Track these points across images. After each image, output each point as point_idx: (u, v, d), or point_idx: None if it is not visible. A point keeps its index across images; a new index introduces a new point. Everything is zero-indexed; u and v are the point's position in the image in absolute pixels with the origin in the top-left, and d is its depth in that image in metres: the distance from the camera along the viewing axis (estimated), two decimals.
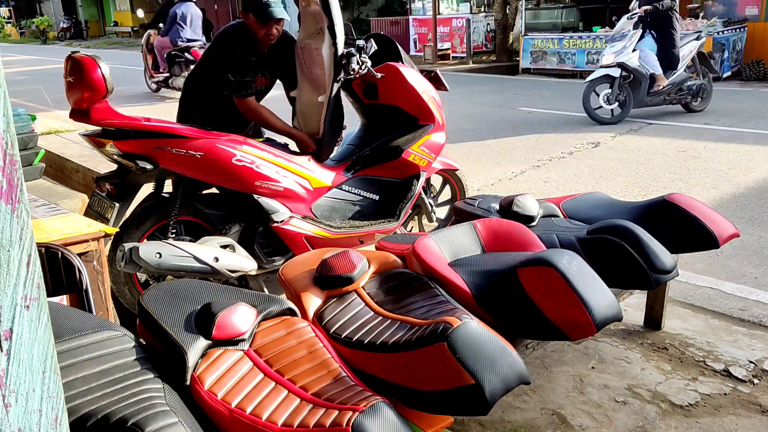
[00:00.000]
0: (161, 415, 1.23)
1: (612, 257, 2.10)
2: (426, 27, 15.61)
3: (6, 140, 0.71)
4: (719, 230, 2.28)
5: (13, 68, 15.58)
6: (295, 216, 2.81)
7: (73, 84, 2.43)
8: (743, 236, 3.34)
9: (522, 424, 2.09)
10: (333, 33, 2.84)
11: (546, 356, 2.46)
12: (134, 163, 2.54)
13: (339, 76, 2.91)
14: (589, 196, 2.69)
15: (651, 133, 6.52)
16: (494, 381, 1.41)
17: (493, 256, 2.04)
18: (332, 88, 2.92)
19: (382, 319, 1.75)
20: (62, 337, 1.39)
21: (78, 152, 5.05)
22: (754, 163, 5.23)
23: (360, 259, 1.97)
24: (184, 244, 2.15)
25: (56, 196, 3.35)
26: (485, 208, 2.55)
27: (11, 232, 0.72)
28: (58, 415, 0.82)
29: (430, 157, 3.20)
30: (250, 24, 2.87)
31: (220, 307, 1.57)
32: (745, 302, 2.94)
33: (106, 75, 2.43)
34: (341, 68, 2.90)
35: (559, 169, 5.38)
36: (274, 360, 1.54)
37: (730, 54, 10.31)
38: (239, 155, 2.65)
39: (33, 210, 2.19)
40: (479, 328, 1.51)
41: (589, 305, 1.66)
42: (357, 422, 1.27)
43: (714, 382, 2.28)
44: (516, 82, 11.37)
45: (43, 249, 1.73)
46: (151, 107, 8.84)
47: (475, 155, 5.94)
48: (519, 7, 13.17)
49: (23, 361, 0.75)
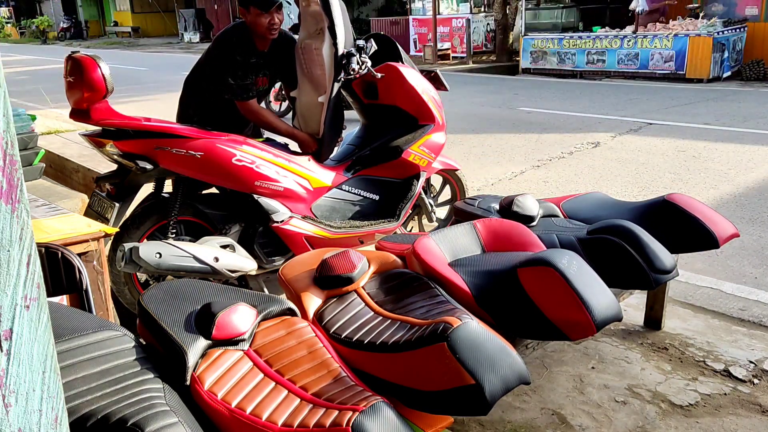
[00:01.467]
0: (161, 415, 1.23)
1: (612, 257, 2.10)
2: (426, 27, 15.62)
3: (6, 140, 0.71)
4: (719, 230, 2.28)
5: (13, 68, 15.58)
6: (295, 216, 2.81)
7: (73, 84, 2.43)
8: (743, 236, 3.34)
9: (522, 424, 2.09)
10: (333, 33, 2.84)
11: (546, 356, 2.46)
12: (134, 163, 2.54)
13: (339, 76, 2.91)
14: (589, 196, 2.69)
15: (651, 133, 6.52)
16: (494, 381, 1.41)
17: (493, 256, 2.04)
18: (333, 89, 2.92)
19: (382, 319, 1.75)
20: (62, 337, 1.39)
21: (78, 152, 5.06)
22: (754, 163, 5.23)
23: (360, 259, 1.97)
24: (184, 244, 2.15)
25: (56, 196, 3.35)
26: (485, 208, 2.55)
27: (11, 232, 0.72)
28: (58, 415, 0.82)
29: (430, 157, 3.20)
30: (251, 19, 2.86)
31: (220, 307, 1.57)
32: (745, 302, 2.94)
33: (106, 75, 2.43)
34: (341, 68, 2.90)
35: (559, 169, 5.38)
36: (274, 360, 1.54)
37: (730, 54, 10.32)
38: (239, 155, 2.65)
39: (33, 210, 2.19)
40: (479, 328, 1.51)
41: (589, 305, 1.66)
42: (357, 422, 1.27)
43: (714, 382, 2.28)
44: (516, 82, 11.37)
45: (43, 249, 1.73)
46: (151, 107, 8.83)
47: (475, 155, 5.94)
48: (519, 7, 13.17)
49: (23, 361, 0.75)
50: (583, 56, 11.38)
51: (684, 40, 10.14)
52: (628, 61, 10.81)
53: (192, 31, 24.49)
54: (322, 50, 2.88)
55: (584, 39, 11.38)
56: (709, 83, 9.96)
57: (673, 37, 10.25)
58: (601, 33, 11.26)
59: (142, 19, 29.12)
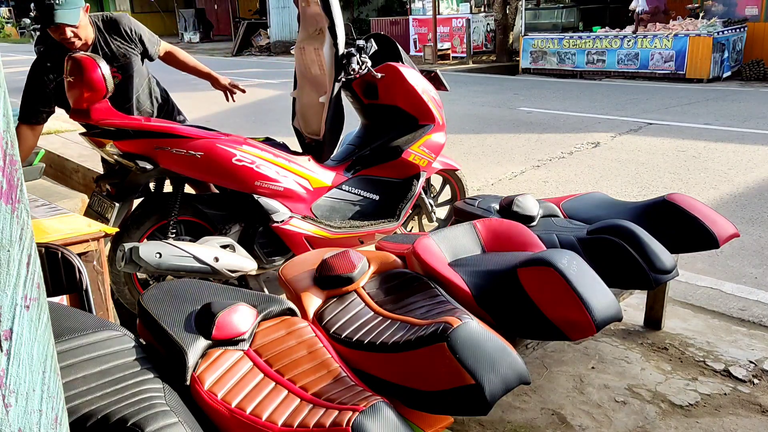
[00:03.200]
0: (161, 415, 1.22)
1: (612, 257, 2.10)
2: (426, 27, 15.62)
3: (6, 140, 0.71)
4: (719, 230, 2.28)
5: (13, 68, 15.57)
6: (295, 216, 2.81)
7: (73, 84, 2.43)
8: (743, 236, 3.34)
9: (522, 424, 2.09)
10: (334, 33, 2.84)
11: (546, 356, 2.46)
12: (134, 163, 2.53)
13: (339, 76, 2.91)
14: (589, 196, 2.69)
15: (651, 133, 6.52)
16: (494, 381, 1.41)
17: (493, 256, 2.03)
18: (333, 88, 2.92)
19: (382, 319, 1.74)
20: (62, 337, 1.39)
21: (78, 152, 5.06)
22: (754, 163, 5.23)
23: (360, 259, 1.96)
24: (184, 244, 2.15)
25: (56, 196, 3.35)
26: (485, 208, 2.55)
27: (11, 232, 0.72)
28: (58, 415, 0.82)
29: (430, 157, 3.20)
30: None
31: (220, 307, 1.57)
32: (745, 302, 2.94)
33: (106, 75, 2.43)
34: (341, 68, 2.90)
35: (559, 169, 5.38)
36: (274, 360, 1.54)
37: (730, 54, 10.32)
38: (239, 155, 2.65)
39: (33, 210, 2.19)
40: (479, 328, 1.51)
41: (589, 305, 1.66)
42: (357, 422, 1.27)
43: (714, 382, 2.28)
44: (516, 82, 11.37)
45: (43, 249, 1.73)
46: None
47: (475, 155, 5.94)
48: (519, 7, 13.17)
49: (23, 361, 0.75)
50: (583, 56, 11.38)
51: (684, 40, 10.14)
52: (628, 61, 10.81)
53: (192, 31, 24.51)
54: (322, 50, 2.88)
55: (584, 39, 11.38)
56: (709, 83, 9.96)
57: (673, 37, 10.25)
58: (601, 33, 11.26)
59: (142, 18, 28.71)
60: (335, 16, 2.82)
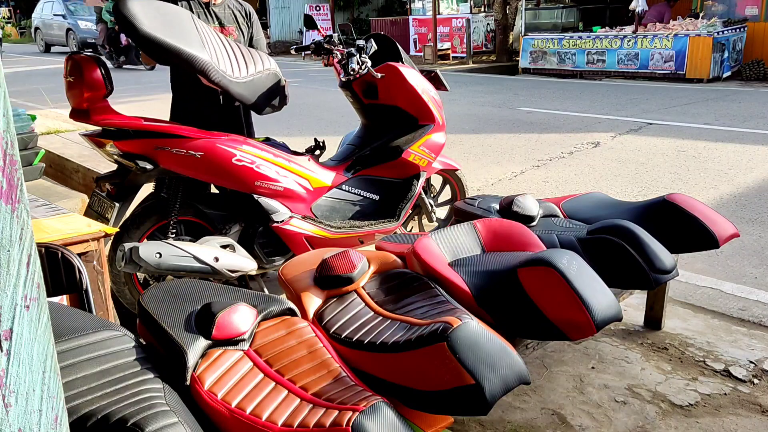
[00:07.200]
0: (161, 415, 1.22)
1: (612, 257, 2.10)
2: (426, 27, 15.62)
3: (6, 140, 0.71)
4: (719, 230, 2.28)
5: (13, 68, 15.57)
6: (295, 216, 2.81)
7: (73, 84, 2.43)
8: (743, 236, 3.34)
9: (522, 424, 2.09)
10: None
11: (546, 356, 2.46)
12: (134, 163, 2.54)
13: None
14: (589, 196, 2.69)
15: (651, 133, 6.52)
16: (494, 381, 1.41)
17: (493, 256, 2.03)
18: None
19: (382, 319, 1.74)
20: (62, 337, 1.39)
21: (78, 152, 5.06)
22: (754, 163, 5.23)
23: (360, 259, 1.96)
24: (184, 244, 2.14)
25: (56, 196, 3.35)
26: (485, 208, 2.55)
27: (11, 232, 0.72)
28: (58, 415, 0.82)
29: (430, 157, 3.20)
30: None
31: (220, 307, 1.57)
32: (745, 302, 2.94)
33: (106, 75, 2.43)
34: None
35: (559, 169, 5.38)
36: (274, 360, 1.54)
37: (730, 54, 10.32)
38: (239, 155, 2.65)
39: (33, 210, 2.19)
40: (479, 328, 1.51)
41: (589, 305, 1.66)
42: (357, 422, 1.27)
43: (714, 382, 2.28)
44: (516, 82, 11.37)
45: (43, 249, 1.73)
46: (151, 107, 8.83)
47: (475, 155, 5.94)
48: (519, 7, 13.18)
49: (23, 361, 0.75)
50: (583, 56, 11.38)
51: (684, 40, 10.14)
52: (628, 61, 10.81)
53: None
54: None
55: (584, 39, 11.38)
56: (709, 83, 9.96)
57: (673, 37, 10.25)
58: (601, 33, 11.25)
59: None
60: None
